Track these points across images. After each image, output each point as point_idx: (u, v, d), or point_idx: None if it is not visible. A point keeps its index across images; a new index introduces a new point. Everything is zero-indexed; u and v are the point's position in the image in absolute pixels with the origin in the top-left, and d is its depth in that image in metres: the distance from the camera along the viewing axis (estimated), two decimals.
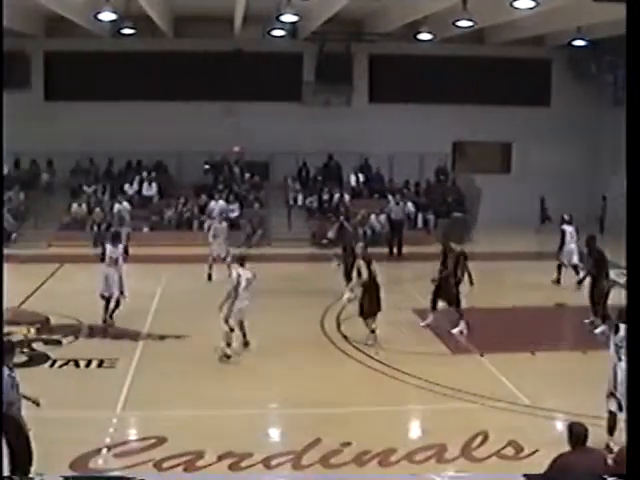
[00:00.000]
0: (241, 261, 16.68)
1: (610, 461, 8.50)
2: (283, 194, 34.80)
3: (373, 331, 17.29)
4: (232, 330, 16.03)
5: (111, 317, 18.84)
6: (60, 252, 28.81)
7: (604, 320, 18.09)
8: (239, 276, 16.07)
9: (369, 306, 17.36)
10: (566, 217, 25.50)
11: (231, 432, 12.58)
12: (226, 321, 15.93)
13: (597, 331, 18.07)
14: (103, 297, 18.86)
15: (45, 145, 32.03)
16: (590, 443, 8.65)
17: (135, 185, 33.77)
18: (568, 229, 24.98)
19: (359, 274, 17.47)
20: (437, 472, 11.38)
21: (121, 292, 18.87)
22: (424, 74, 36.03)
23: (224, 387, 14.62)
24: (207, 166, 34.88)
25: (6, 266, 18.69)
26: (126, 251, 19.47)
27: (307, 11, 27.40)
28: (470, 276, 19.26)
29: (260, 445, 12.09)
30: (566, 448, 8.50)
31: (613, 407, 11.54)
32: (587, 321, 18.78)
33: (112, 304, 18.86)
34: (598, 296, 18.62)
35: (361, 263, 17.51)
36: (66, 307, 19.87)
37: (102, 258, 19.18)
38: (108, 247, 19.11)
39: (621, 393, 11.23)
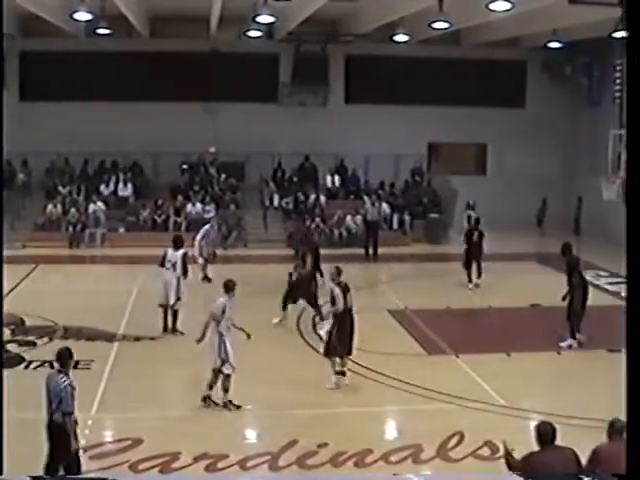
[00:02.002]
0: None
1: (584, 461, 8.55)
2: (259, 195, 34.74)
3: None
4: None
5: (175, 329, 18.26)
6: (35, 253, 28.65)
7: (573, 334, 17.59)
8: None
9: None
10: (470, 203, 28.22)
11: (207, 433, 12.58)
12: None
13: (564, 344, 17.54)
14: (162, 306, 18.30)
15: (20, 145, 31.80)
16: (566, 442, 8.71)
17: (111, 186, 33.63)
18: (473, 214, 27.07)
19: None
20: (413, 472, 11.42)
21: (178, 298, 18.18)
22: (400, 75, 36.05)
23: (199, 388, 14.58)
24: (185, 166, 34.76)
25: None
26: (185, 256, 18.62)
27: (283, 12, 27.35)
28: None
29: (236, 446, 12.10)
30: None
31: None
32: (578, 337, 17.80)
33: (170, 313, 18.31)
34: (575, 308, 17.60)
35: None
36: (41, 308, 19.77)
37: (162, 263, 18.41)
38: (169, 251, 18.39)
39: None
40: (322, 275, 20.31)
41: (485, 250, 24.54)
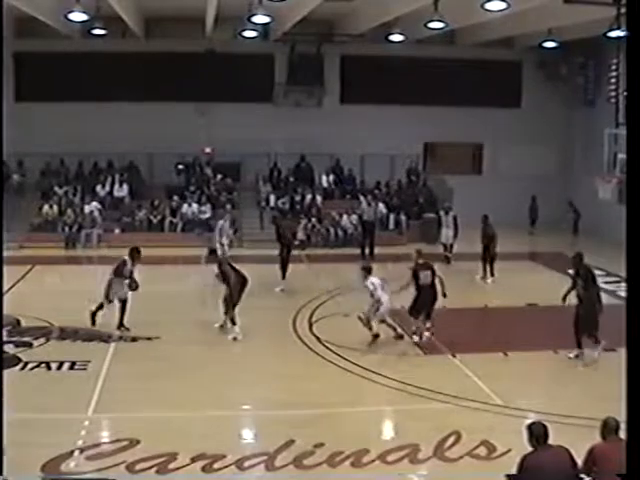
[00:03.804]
0: (367, 271, 18.11)
1: (579, 460, 8.55)
2: (255, 195, 34.76)
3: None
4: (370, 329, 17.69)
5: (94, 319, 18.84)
6: (31, 254, 28.65)
7: (596, 341, 16.45)
8: (372, 283, 17.74)
9: None
10: (446, 205, 29.54)
11: (204, 434, 12.55)
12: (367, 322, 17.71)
13: (596, 352, 16.42)
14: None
15: (16, 146, 31.75)
16: (563, 442, 8.70)
17: (106, 186, 33.62)
18: (446, 215, 28.64)
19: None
20: (410, 472, 11.41)
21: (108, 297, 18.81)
22: (395, 75, 36.07)
23: (196, 389, 14.58)
24: (181, 167, 34.75)
25: None
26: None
27: (278, 12, 27.35)
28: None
29: (233, 446, 12.07)
30: None
31: None
32: (571, 355, 16.70)
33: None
34: (584, 320, 16.45)
35: None
36: (37, 309, 19.74)
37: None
38: None
39: None
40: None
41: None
